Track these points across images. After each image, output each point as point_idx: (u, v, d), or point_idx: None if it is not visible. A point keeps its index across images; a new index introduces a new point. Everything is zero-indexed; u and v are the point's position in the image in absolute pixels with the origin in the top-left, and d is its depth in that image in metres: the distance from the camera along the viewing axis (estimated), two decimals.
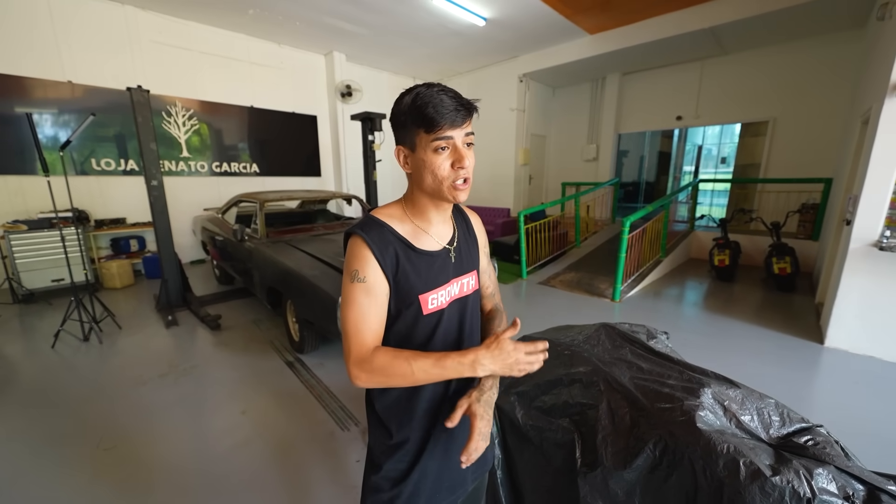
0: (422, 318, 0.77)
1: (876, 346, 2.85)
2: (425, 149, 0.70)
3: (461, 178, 0.71)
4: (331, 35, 5.84)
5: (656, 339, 1.41)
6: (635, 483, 0.93)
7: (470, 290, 0.85)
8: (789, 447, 0.88)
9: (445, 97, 0.68)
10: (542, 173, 8.57)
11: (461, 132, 0.70)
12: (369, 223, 0.75)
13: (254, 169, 6.28)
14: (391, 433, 0.80)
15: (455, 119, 0.68)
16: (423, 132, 0.69)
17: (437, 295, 0.78)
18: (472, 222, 0.93)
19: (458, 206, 0.90)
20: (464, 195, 0.73)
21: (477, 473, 0.92)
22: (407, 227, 0.77)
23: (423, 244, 0.78)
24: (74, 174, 4.72)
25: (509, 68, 7.18)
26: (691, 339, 3.19)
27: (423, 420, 0.80)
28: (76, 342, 3.10)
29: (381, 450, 0.82)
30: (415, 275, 0.75)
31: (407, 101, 0.69)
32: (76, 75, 4.59)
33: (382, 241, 0.72)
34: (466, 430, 0.83)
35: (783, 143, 5.78)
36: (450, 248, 0.81)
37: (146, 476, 1.78)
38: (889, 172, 2.64)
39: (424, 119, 0.67)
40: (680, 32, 5.14)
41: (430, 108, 0.67)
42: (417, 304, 0.75)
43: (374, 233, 0.73)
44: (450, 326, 0.81)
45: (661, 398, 1.02)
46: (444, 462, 0.84)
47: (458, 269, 0.82)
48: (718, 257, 4.76)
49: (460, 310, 0.83)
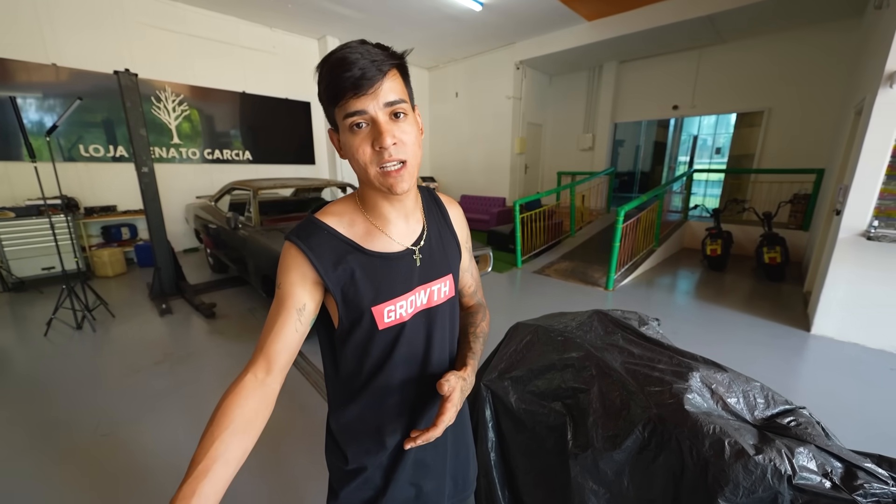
0: (377, 333, 0.64)
1: (860, 333, 2.92)
2: (343, 130, 0.57)
3: (390, 162, 0.56)
4: (324, 18, 5.70)
5: (647, 326, 1.43)
6: (624, 463, 0.96)
7: (442, 298, 0.71)
8: (773, 428, 0.91)
9: (351, 55, 0.52)
10: (538, 162, 8.54)
11: (376, 101, 0.54)
12: (306, 226, 0.63)
13: (246, 156, 6.19)
14: (346, 457, 0.69)
15: (360, 85, 0.52)
16: (335, 107, 0.56)
17: (395, 306, 0.64)
18: (451, 215, 0.78)
19: (434, 196, 0.77)
20: (401, 183, 0.58)
21: (456, 498, 0.82)
22: (359, 228, 0.65)
23: (377, 245, 0.65)
24: (62, 160, 4.62)
25: (506, 55, 7.08)
26: (682, 326, 3.24)
27: (383, 448, 0.69)
28: (69, 330, 3.08)
29: (337, 475, 0.72)
30: (366, 283, 0.62)
31: (320, 71, 0.55)
32: (61, 58, 4.45)
33: (321, 248, 0.61)
34: (447, 455, 0.77)
35: (777, 133, 5.80)
36: (414, 250, 0.67)
37: (143, 462, 1.80)
38: (880, 163, 2.67)
39: (328, 91, 0.54)
40: (678, 20, 5.09)
41: (331, 74, 0.53)
42: (370, 317, 0.63)
43: (313, 239, 0.61)
44: (413, 342, 0.68)
45: (650, 382, 1.04)
46: (414, 489, 0.73)
47: (425, 275, 0.68)
48: (711, 247, 4.81)
49: (427, 322, 0.69)
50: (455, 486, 0.80)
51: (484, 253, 3.25)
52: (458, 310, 0.80)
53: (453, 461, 0.79)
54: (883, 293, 2.80)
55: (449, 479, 0.78)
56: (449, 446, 0.77)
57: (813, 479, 0.77)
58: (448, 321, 0.74)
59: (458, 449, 0.81)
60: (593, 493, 0.98)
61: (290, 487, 1.67)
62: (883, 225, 2.71)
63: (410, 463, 0.71)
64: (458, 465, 0.81)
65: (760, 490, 0.77)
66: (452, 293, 0.73)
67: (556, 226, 6.08)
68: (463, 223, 0.80)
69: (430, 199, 0.76)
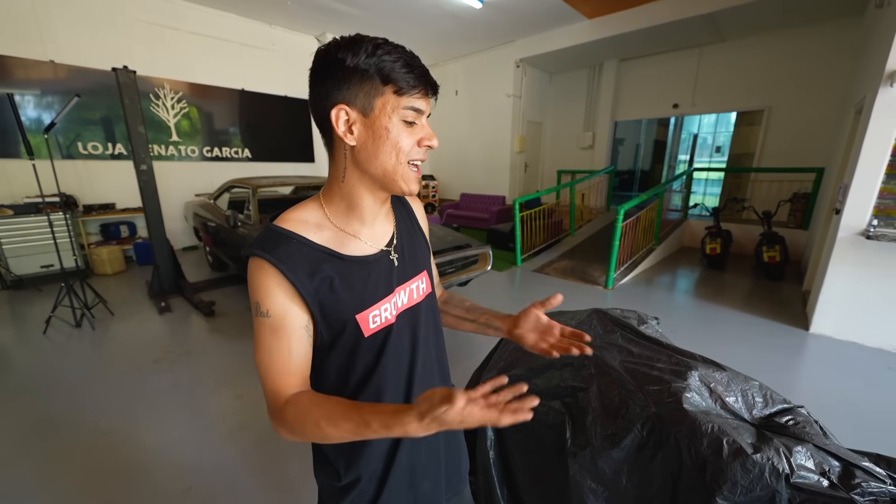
0: (363, 341, 0.62)
1: (858, 332, 2.93)
2: (390, 115, 0.55)
3: (420, 159, 0.60)
4: (323, 15, 5.68)
5: (647, 325, 1.43)
6: (623, 462, 0.96)
7: (421, 295, 0.71)
8: (771, 427, 0.92)
9: (417, 58, 0.56)
10: (538, 161, 8.53)
11: (429, 109, 0.59)
12: (271, 237, 0.58)
13: (246, 154, 6.17)
14: (339, 474, 0.66)
15: (431, 86, 0.57)
16: (390, 92, 0.54)
17: (381, 310, 0.63)
18: (415, 210, 0.77)
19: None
20: (416, 185, 0.62)
21: (452, 492, 0.82)
22: (328, 233, 0.61)
23: (352, 250, 0.62)
24: (60, 158, 4.60)
25: (506, 53, 7.06)
26: (682, 325, 3.25)
27: (377, 452, 0.66)
28: (68, 328, 3.08)
29: (332, 492, 0.69)
30: (347, 291, 0.59)
31: (367, 48, 0.53)
32: (59, 55, 4.43)
33: (293, 259, 0.56)
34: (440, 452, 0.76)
35: (777, 132, 5.80)
36: (389, 251, 0.66)
37: (142, 459, 1.80)
38: (880, 161, 2.67)
39: (396, 75, 0.53)
40: (679, 18, 5.08)
41: (402, 63, 0.53)
42: (355, 325, 0.60)
43: (281, 250, 0.56)
44: (400, 345, 0.66)
45: (649, 381, 1.04)
46: (412, 492, 0.71)
47: (403, 274, 0.67)
48: (710, 246, 4.81)
49: (412, 322, 0.68)
50: (448, 484, 0.80)
51: (483, 251, 3.25)
52: (436, 304, 0.80)
53: (446, 460, 0.79)
54: (881, 292, 2.80)
55: (443, 478, 0.78)
56: (441, 445, 0.76)
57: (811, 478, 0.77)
58: (431, 317, 0.73)
59: (450, 448, 0.80)
60: (592, 491, 0.98)
61: (291, 487, 1.67)
62: (882, 224, 2.71)
63: (404, 467, 0.69)
64: (450, 464, 0.81)
65: (758, 489, 0.77)
66: (430, 289, 0.73)
67: (555, 224, 6.08)
68: (424, 217, 0.81)
69: (395, 199, 0.75)
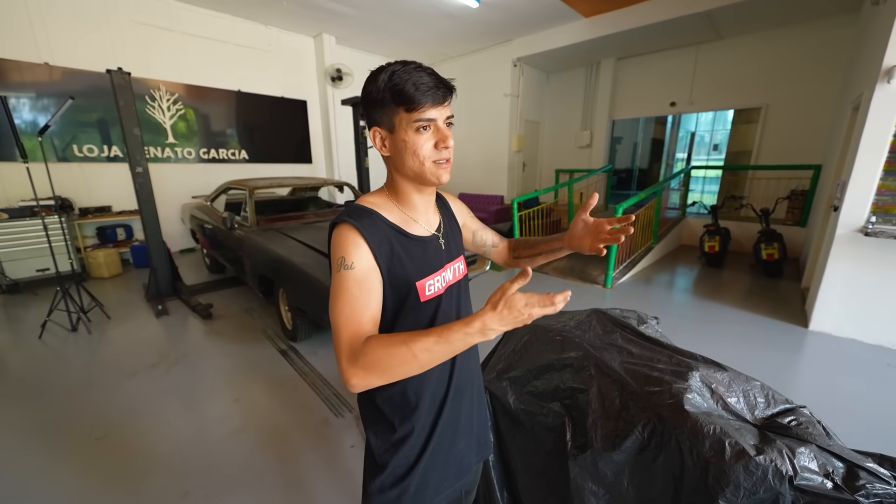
0: (419, 306, 0.74)
1: (858, 329, 2.92)
2: (406, 129, 0.67)
3: (444, 158, 0.70)
4: (319, 15, 5.65)
5: (646, 325, 1.42)
6: (624, 464, 0.95)
7: (461, 274, 0.85)
8: (773, 427, 0.91)
9: (424, 75, 0.66)
10: (536, 160, 8.52)
11: (442, 112, 0.68)
12: (357, 210, 0.72)
13: (243, 156, 6.14)
14: (394, 427, 0.76)
15: (436, 97, 0.66)
16: (402, 111, 0.66)
17: (434, 281, 0.76)
18: (452, 205, 0.92)
19: (438, 194, 0.89)
20: (447, 175, 0.72)
21: (481, 456, 0.91)
22: (395, 215, 0.75)
23: (413, 230, 0.76)
24: (55, 161, 4.57)
25: (503, 52, 7.04)
26: (681, 324, 3.24)
27: (428, 407, 0.77)
28: (64, 332, 3.06)
29: (385, 448, 0.77)
30: (409, 261, 0.72)
31: (384, 79, 0.66)
32: (53, 57, 4.40)
33: (373, 228, 0.69)
34: (473, 414, 0.86)
35: (775, 130, 5.80)
36: (438, 235, 0.81)
37: (139, 464, 1.78)
38: (877, 158, 2.67)
39: (404, 97, 0.65)
40: (676, 15, 5.07)
41: (409, 85, 0.64)
42: (414, 291, 0.73)
43: (365, 220, 0.70)
44: (448, 313, 0.79)
45: (650, 382, 1.03)
46: (451, 448, 0.81)
47: (448, 255, 0.82)
48: (709, 244, 4.81)
49: (457, 294, 0.83)
50: (478, 445, 0.89)
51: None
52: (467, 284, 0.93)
53: (478, 423, 0.89)
54: (880, 289, 2.80)
55: (474, 438, 0.87)
56: (475, 406, 0.87)
57: (814, 480, 0.76)
58: (467, 294, 0.89)
59: (480, 410, 0.91)
60: (593, 493, 0.97)
61: (290, 491, 1.66)
62: (880, 221, 2.71)
63: (448, 423, 0.79)
64: (480, 427, 0.91)
65: (761, 491, 0.76)
66: (466, 271, 0.88)
67: (554, 223, 6.08)
68: (459, 205, 0.95)
69: (438, 196, 0.89)
